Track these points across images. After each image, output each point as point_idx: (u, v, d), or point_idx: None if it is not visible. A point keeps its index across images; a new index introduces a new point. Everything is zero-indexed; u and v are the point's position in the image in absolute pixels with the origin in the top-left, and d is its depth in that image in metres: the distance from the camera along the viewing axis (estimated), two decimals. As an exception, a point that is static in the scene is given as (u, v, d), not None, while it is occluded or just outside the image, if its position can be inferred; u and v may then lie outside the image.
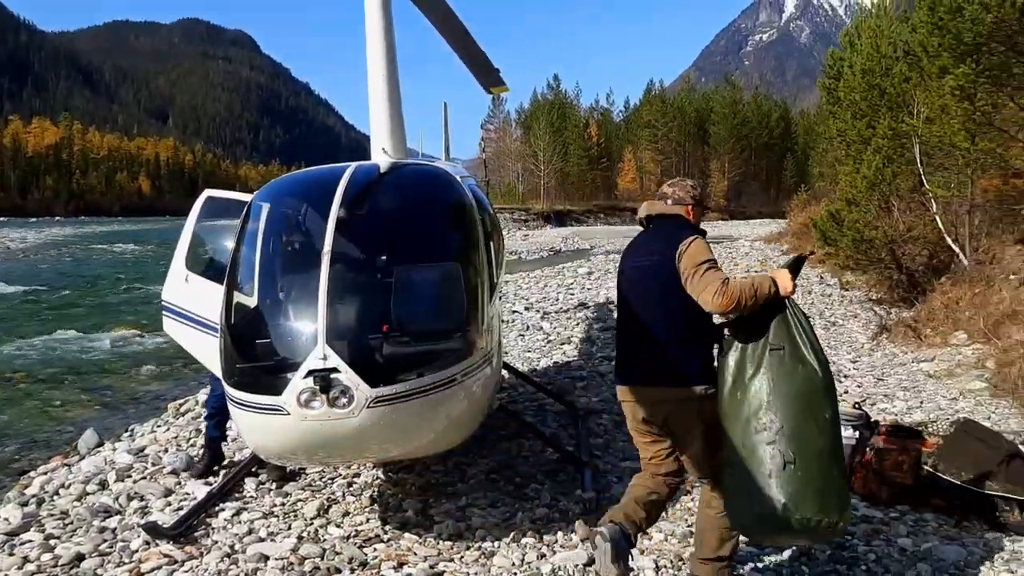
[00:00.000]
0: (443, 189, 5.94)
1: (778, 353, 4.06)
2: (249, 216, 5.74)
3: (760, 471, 3.96)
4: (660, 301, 4.27)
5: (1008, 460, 5.60)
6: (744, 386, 4.09)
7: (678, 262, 4.16)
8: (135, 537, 5.48)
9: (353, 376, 4.49)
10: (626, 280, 4.55)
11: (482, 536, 5.37)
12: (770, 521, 3.97)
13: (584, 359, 10.97)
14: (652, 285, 4.32)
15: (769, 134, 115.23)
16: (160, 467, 7.09)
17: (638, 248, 4.55)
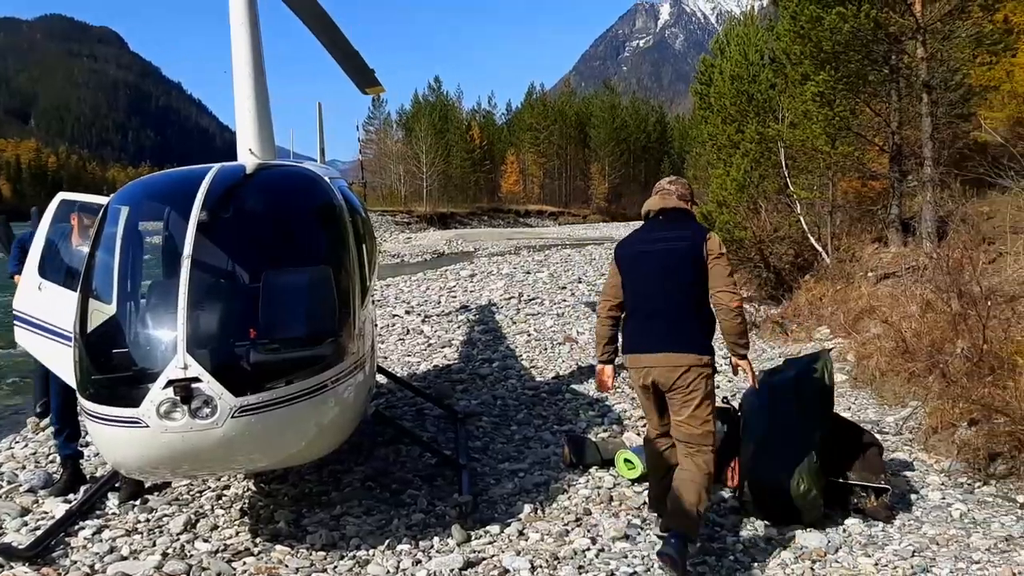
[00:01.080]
0: (311, 191, 5.80)
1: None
2: (106, 220, 5.47)
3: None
4: (687, 279, 4.88)
5: (864, 449, 5.85)
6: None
7: (706, 247, 4.85)
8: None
9: (216, 385, 4.33)
10: (652, 260, 5.01)
11: (356, 545, 5.27)
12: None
13: (464, 362, 10.94)
14: (681, 265, 4.89)
15: (647, 138, 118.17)
16: (16, 485, 6.67)
17: (653, 234, 5.09)
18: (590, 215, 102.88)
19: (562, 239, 54.30)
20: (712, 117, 23.02)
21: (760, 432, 5.73)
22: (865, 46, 14.23)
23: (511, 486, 6.25)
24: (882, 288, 12.53)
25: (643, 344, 4.99)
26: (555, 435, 7.58)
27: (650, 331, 4.97)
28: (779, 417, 5.71)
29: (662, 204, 5.13)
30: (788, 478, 5.41)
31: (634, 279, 5.09)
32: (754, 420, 5.88)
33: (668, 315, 4.93)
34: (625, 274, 5.14)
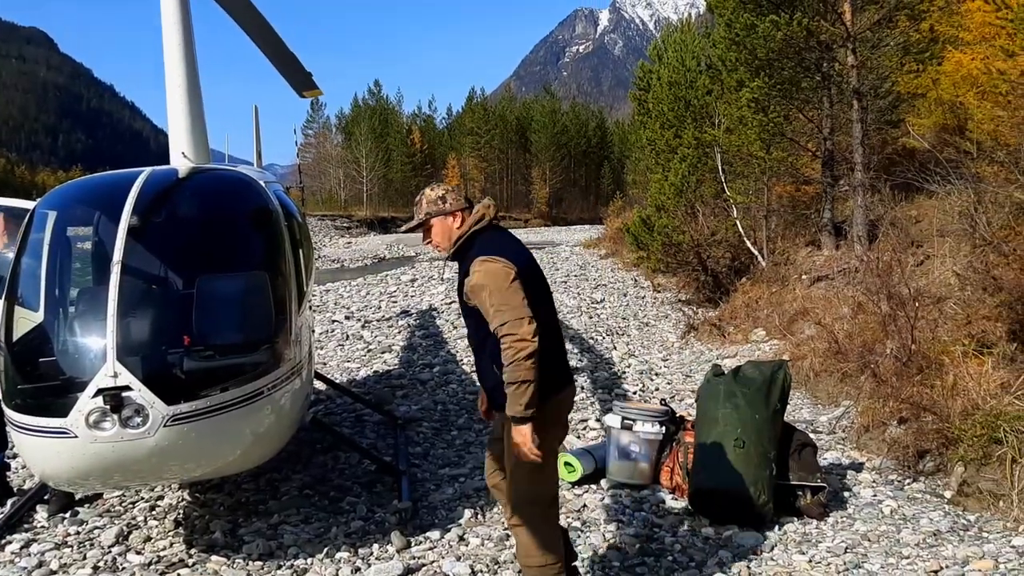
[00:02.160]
0: (245, 195, 5.71)
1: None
2: (32, 225, 5.32)
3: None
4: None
5: (800, 449, 5.97)
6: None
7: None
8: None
9: (147, 393, 4.24)
10: (541, 279, 4.16)
11: (294, 554, 5.20)
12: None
13: (405, 367, 10.88)
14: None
15: (587, 143, 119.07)
16: (-65, 500, 6.44)
17: (521, 246, 4.17)
18: (531, 219, 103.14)
19: (503, 243, 54.30)
20: (651, 122, 23.31)
21: (723, 435, 5.66)
22: (798, 53, 14.52)
23: (451, 491, 6.23)
24: (816, 290, 12.80)
25: (568, 376, 4.24)
26: (495, 439, 7.57)
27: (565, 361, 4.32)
28: (748, 422, 5.65)
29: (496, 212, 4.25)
30: (750, 487, 5.47)
31: (537, 297, 3.95)
32: (716, 422, 5.76)
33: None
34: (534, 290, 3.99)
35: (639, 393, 9.42)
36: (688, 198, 18.01)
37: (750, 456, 5.56)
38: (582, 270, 24.88)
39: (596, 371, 10.48)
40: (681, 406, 8.37)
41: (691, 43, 22.66)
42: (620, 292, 19.19)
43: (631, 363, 11.30)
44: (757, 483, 5.51)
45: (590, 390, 9.42)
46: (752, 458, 5.55)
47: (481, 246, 3.98)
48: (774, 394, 5.86)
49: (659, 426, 6.28)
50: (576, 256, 31.06)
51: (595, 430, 7.74)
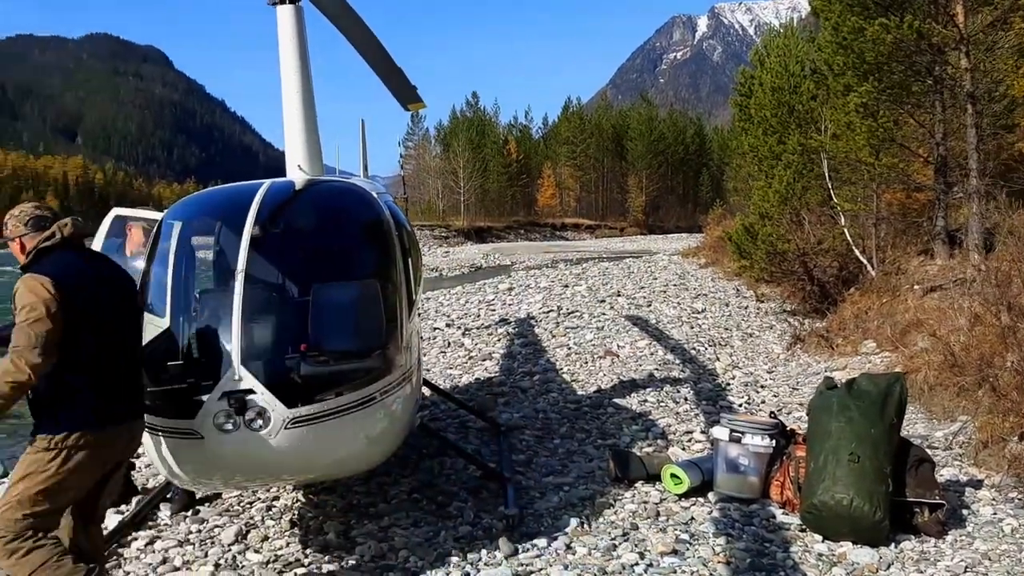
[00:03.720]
0: (359, 206, 5.87)
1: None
2: (160, 235, 5.58)
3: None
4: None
5: (917, 465, 5.78)
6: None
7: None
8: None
9: (269, 397, 4.40)
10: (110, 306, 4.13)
11: (405, 557, 5.29)
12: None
13: (505, 375, 10.96)
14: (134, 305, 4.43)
15: (685, 150, 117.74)
16: (68, 497, 6.80)
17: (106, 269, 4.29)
18: (627, 228, 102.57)
19: (599, 252, 54.16)
20: (752, 129, 22.88)
21: (836, 449, 5.52)
22: (908, 57, 14.09)
23: (556, 500, 6.24)
24: (929, 301, 12.35)
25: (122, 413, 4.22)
26: (599, 449, 7.56)
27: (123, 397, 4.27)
28: (863, 436, 5.50)
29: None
30: (865, 503, 5.31)
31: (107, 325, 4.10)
32: (829, 435, 5.63)
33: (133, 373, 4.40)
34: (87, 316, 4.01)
35: (745, 406, 9.27)
36: (793, 206, 17.61)
37: (865, 471, 5.41)
38: (681, 279, 24.57)
39: (699, 382, 10.35)
40: (789, 419, 8.20)
41: (794, 47, 22.19)
42: (722, 302, 18.89)
43: (735, 375, 11.12)
44: (873, 499, 5.35)
45: (693, 401, 9.31)
46: (867, 473, 5.40)
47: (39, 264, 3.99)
48: (890, 407, 5.69)
49: (769, 439, 6.17)
50: (674, 265, 30.71)
51: (700, 442, 7.65)
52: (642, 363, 11.43)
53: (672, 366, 11.33)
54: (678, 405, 9.14)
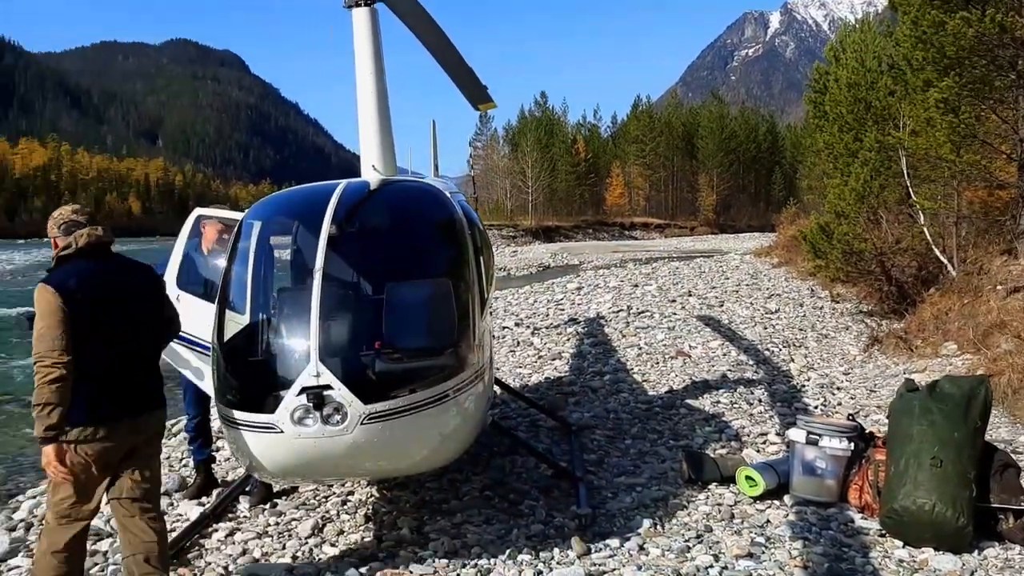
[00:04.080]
0: (433, 205, 5.94)
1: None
2: (240, 234, 5.73)
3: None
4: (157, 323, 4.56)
5: (1001, 470, 5.60)
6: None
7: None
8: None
9: (346, 393, 4.48)
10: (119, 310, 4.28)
11: (478, 553, 5.33)
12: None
13: (575, 374, 10.95)
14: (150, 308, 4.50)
15: (757, 148, 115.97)
16: (152, 488, 7.02)
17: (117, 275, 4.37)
18: (697, 227, 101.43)
19: (669, 252, 53.69)
20: (828, 126, 22.40)
21: (918, 453, 5.40)
22: (990, 51, 13.62)
23: (629, 500, 6.22)
24: (1013, 302, 11.95)
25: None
26: (671, 450, 7.51)
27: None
28: (946, 440, 5.37)
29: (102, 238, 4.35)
30: (948, 508, 5.18)
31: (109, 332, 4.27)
32: (910, 439, 5.50)
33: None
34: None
35: (821, 408, 9.09)
36: (870, 204, 17.20)
37: (948, 475, 5.26)
38: (754, 279, 24.19)
39: (773, 384, 10.20)
40: (867, 422, 8.02)
41: (871, 42, 21.65)
42: (796, 302, 18.55)
43: (810, 376, 10.92)
44: (956, 504, 5.20)
45: (768, 403, 9.17)
46: (950, 477, 5.26)
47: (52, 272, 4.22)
48: (974, 411, 5.52)
49: (847, 442, 6.05)
50: (747, 265, 30.23)
51: (775, 444, 7.54)
52: (715, 364, 11.31)
53: (745, 367, 11.18)
54: (752, 407, 9.01)
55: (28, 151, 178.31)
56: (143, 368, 4.42)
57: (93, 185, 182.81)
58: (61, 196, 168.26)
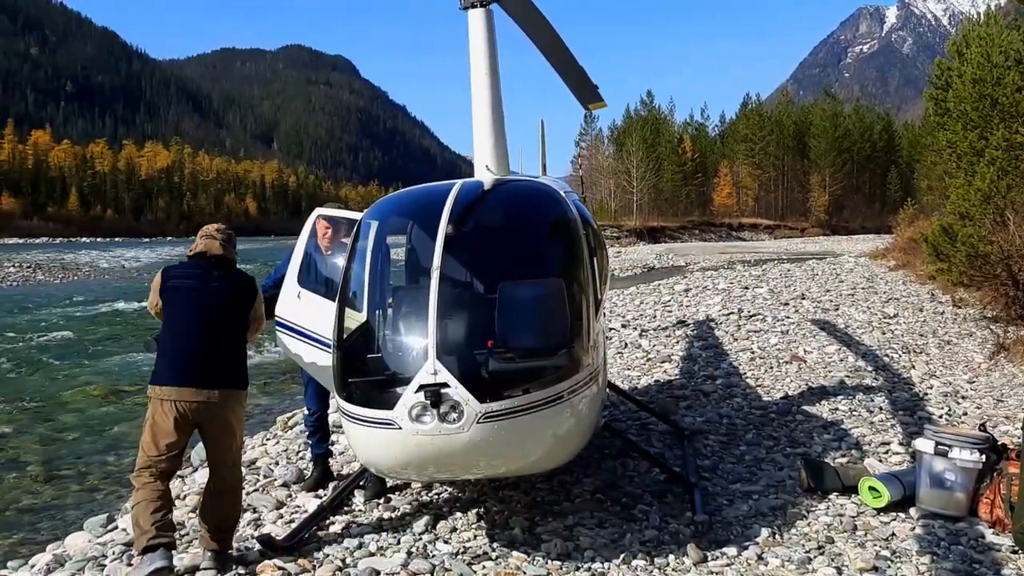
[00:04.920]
0: (548, 205, 5.93)
1: None
2: (359, 234, 5.84)
3: None
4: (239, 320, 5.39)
5: None
6: None
7: (254, 303, 5.45)
8: (250, 549, 5.60)
9: (463, 391, 4.51)
10: (190, 297, 5.30)
11: (591, 556, 5.29)
12: None
13: (686, 378, 10.78)
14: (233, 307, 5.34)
15: (872, 147, 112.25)
16: (271, 479, 7.24)
17: (203, 278, 5.35)
18: (808, 228, 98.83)
19: (778, 254, 52.48)
20: (951, 123, 21.48)
21: None
22: None
23: (746, 508, 6.07)
24: None
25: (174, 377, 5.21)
26: (788, 458, 7.30)
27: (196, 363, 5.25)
28: None
29: (207, 249, 5.44)
30: None
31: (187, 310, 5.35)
32: None
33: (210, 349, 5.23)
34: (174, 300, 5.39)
35: (945, 417, 8.70)
36: (996, 205, 16.36)
37: None
38: (869, 283, 23.38)
39: (894, 391, 9.81)
40: (995, 433, 7.62)
41: (997, 37, 20.61)
42: (915, 307, 17.82)
43: (932, 384, 10.46)
44: None
45: (889, 411, 8.82)
46: None
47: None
48: None
49: (979, 453, 5.75)
50: (861, 268, 29.29)
51: (898, 454, 7.24)
52: (832, 369, 10.95)
53: (864, 373, 10.79)
54: (872, 415, 8.69)
55: (153, 154, 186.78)
56: (211, 344, 5.18)
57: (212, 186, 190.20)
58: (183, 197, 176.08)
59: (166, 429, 5.06)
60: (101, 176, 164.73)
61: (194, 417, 5.09)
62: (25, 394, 13.39)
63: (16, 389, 13.86)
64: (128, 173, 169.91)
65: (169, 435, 5.06)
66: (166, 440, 5.06)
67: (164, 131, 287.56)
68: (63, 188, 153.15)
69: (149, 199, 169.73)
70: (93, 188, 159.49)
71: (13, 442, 10.60)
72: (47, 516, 7.94)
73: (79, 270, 47.49)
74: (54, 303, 28.92)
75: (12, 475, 9.23)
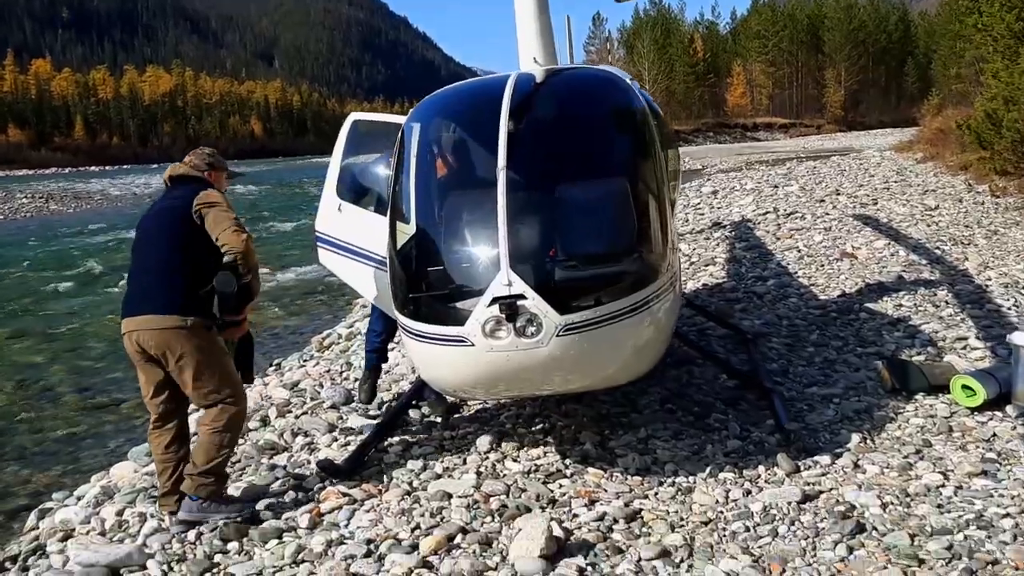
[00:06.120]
0: (616, 93, 5.42)
1: None
2: (405, 138, 5.37)
3: None
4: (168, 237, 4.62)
5: None
6: None
7: (194, 205, 4.54)
8: (309, 474, 5.32)
9: (541, 303, 4.12)
10: (141, 229, 4.81)
11: (672, 470, 4.98)
12: None
13: (735, 280, 10.37)
14: (164, 224, 4.66)
15: (887, 38, 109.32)
16: (319, 402, 6.92)
17: (160, 202, 4.85)
18: (825, 125, 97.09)
19: (796, 152, 51.42)
20: (984, 6, 20.46)
21: None
22: None
23: (831, 413, 5.72)
24: None
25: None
26: (861, 358, 6.91)
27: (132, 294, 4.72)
28: None
29: (170, 172, 4.95)
30: None
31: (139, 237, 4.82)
32: None
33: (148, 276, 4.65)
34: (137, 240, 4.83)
35: (1013, 309, 8.29)
36: (1045, 88, 15.64)
37: None
38: (900, 176, 22.72)
39: (955, 284, 9.37)
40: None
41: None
42: (954, 198, 17.23)
43: (990, 275, 10.01)
44: None
45: (955, 305, 8.41)
46: None
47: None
48: None
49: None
50: (888, 161, 28.52)
51: (977, 349, 6.85)
52: (884, 264, 10.51)
53: (919, 267, 10.35)
54: (939, 309, 8.28)
55: (155, 78, 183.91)
56: (160, 271, 4.58)
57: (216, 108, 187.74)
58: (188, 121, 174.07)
59: (137, 368, 4.69)
60: (105, 103, 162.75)
61: (148, 351, 4.52)
62: (51, 325, 13.17)
63: (42, 321, 13.64)
64: (132, 99, 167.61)
65: (141, 374, 4.68)
66: (142, 381, 4.70)
67: (164, 54, 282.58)
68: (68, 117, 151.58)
69: (154, 124, 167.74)
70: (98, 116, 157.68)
71: (45, 372, 10.40)
72: (87, 446, 7.74)
73: (91, 198, 47.02)
74: (70, 233, 28.60)
75: (47, 405, 9.06)
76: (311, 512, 4.74)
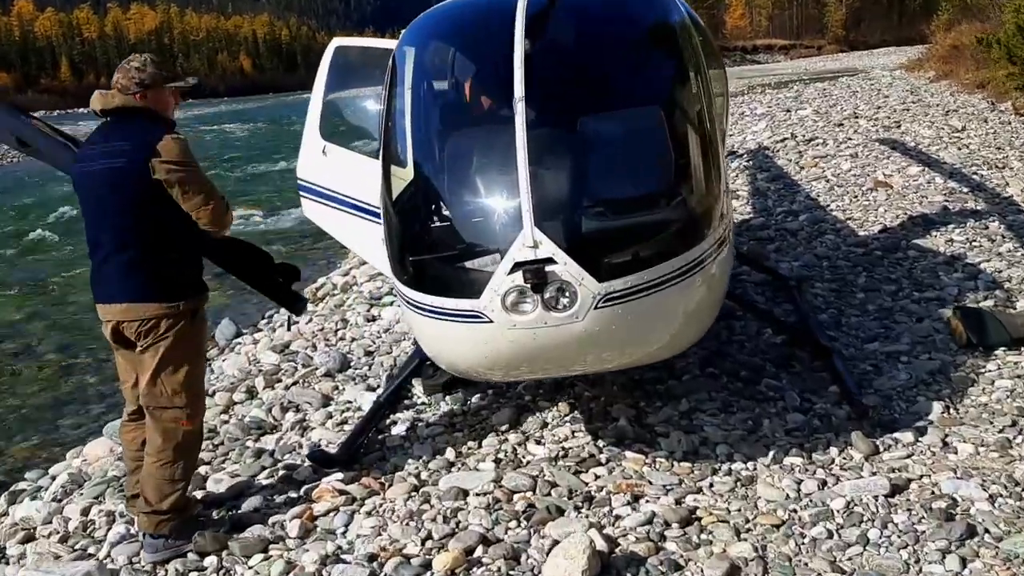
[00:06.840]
0: (654, 2, 4.49)
1: None
2: (397, 65, 4.49)
3: None
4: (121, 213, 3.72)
5: None
6: None
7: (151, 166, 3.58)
8: (300, 463, 4.58)
9: (575, 268, 3.32)
10: (85, 189, 3.84)
11: (727, 454, 4.20)
12: None
13: (763, 216, 9.52)
14: (116, 191, 3.68)
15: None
16: (312, 368, 6.13)
17: (97, 151, 3.77)
18: (826, 46, 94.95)
19: (798, 74, 49.81)
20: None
21: None
22: None
23: (905, 376, 4.91)
24: None
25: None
26: (921, 305, 6.09)
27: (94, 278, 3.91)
28: None
29: (101, 104, 3.76)
30: None
31: (83, 209, 3.89)
32: None
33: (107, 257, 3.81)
34: (81, 202, 3.88)
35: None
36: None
37: None
38: (915, 96, 21.65)
39: (1006, 215, 8.51)
40: None
41: None
42: (978, 118, 16.24)
43: (1038, 199, 9.20)
44: None
45: (1013, 239, 7.54)
46: None
47: None
48: None
49: None
50: (900, 81, 27.39)
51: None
52: (924, 194, 9.65)
53: (961, 195, 9.49)
54: (995, 244, 7.45)
55: (140, 16, 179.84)
56: (119, 246, 3.79)
57: (204, 45, 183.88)
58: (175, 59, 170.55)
59: (115, 352, 3.99)
60: (90, 43, 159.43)
61: (129, 337, 3.79)
62: (33, 277, 12.42)
63: (26, 272, 12.89)
64: (117, 38, 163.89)
65: (119, 358, 3.98)
66: (120, 366, 4.01)
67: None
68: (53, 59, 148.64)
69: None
70: (83, 56, 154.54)
71: (26, 329, 9.73)
72: (69, 412, 7.19)
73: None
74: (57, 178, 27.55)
75: (28, 365, 8.46)
76: (302, 516, 4.00)
